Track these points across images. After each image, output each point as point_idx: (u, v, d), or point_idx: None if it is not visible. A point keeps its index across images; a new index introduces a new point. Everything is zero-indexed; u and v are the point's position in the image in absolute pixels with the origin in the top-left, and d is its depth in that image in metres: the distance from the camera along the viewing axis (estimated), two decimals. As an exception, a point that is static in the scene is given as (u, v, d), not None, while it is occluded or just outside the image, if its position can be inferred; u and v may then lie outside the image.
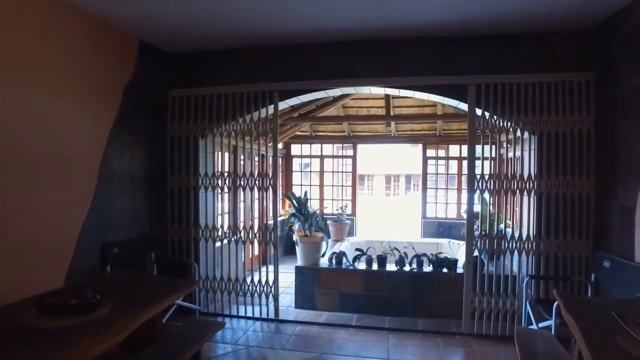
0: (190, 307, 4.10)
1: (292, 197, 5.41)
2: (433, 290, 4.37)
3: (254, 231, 4.30)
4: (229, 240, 4.38)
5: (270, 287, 4.30)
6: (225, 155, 4.50)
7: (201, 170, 4.36)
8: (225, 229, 4.44)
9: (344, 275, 4.62)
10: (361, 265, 4.70)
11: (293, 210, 5.27)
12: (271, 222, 4.35)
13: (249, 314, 4.30)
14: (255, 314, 4.29)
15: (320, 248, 4.93)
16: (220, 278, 4.39)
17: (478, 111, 3.85)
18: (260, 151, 5.61)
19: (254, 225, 4.38)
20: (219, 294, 4.41)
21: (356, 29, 3.71)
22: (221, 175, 4.40)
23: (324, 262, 4.87)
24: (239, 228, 4.42)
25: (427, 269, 4.52)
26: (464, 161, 7.53)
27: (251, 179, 4.29)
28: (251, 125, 4.27)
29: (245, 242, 4.33)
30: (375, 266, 4.62)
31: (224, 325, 3.98)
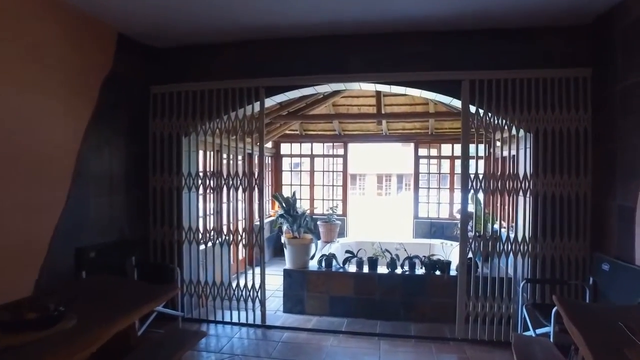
0: (172, 314, 3.89)
1: (280, 198, 5.25)
2: (426, 294, 4.24)
3: (239, 233, 4.13)
4: (214, 243, 4.20)
5: (256, 292, 4.13)
6: (209, 154, 4.31)
7: (184, 170, 4.18)
8: (209, 230, 4.26)
9: (333, 279, 4.47)
10: (352, 267, 4.56)
11: (282, 211, 5.11)
12: (258, 224, 4.19)
13: (235, 319, 4.13)
14: (241, 319, 4.12)
15: (309, 250, 4.79)
16: (205, 282, 4.20)
17: (472, 108, 3.72)
18: (247, 150, 5.43)
19: (238, 227, 4.21)
20: (203, 298, 4.23)
21: (346, 22, 3.56)
22: (205, 175, 4.22)
23: (313, 265, 4.72)
24: (223, 230, 4.24)
25: (420, 271, 4.40)
26: (456, 160, 7.44)
27: (236, 178, 4.12)
28: (236, 122, 4.09)
29: (230, 245, 4.17)
30: (366, 269, 4.48)
31: (205, 334, 3.79)
